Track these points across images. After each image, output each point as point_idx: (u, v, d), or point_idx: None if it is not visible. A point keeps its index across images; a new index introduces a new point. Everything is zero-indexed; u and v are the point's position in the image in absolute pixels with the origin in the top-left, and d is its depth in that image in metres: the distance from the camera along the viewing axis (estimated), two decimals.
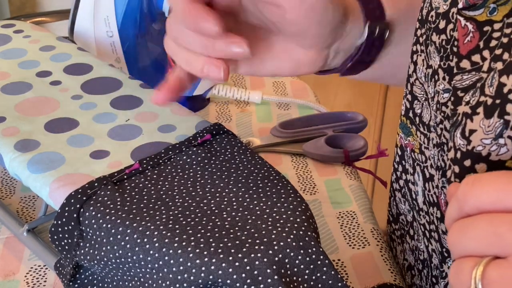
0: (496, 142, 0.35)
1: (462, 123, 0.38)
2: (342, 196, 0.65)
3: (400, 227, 0.55)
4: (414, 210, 0.51)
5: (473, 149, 0.37)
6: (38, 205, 0.62)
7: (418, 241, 0.52)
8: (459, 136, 0.38)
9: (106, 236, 0.43)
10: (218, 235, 0.42)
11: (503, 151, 0.35)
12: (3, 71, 0.64)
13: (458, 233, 0.32)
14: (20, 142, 0.53)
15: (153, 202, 0.46)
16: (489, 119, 0.36)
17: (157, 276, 0.41)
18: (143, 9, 0.74)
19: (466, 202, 0.32)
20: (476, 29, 0.40)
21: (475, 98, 0.38)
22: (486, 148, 0.36)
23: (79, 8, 0.73)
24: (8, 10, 1.50)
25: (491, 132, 0.35)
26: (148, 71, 0.78)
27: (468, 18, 0.40)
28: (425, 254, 0.50)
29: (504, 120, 0.35)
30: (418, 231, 0.51)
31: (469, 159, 0.37)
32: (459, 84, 0.41)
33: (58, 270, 0.49)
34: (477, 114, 0.37)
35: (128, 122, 0.56)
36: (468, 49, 0.40)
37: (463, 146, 0.38)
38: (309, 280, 0.41)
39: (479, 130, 0.36)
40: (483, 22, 0.39)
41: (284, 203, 0.45)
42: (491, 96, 0.36)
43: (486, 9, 0.39)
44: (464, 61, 0.41)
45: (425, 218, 0.49)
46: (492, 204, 0.30)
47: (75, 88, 0.61)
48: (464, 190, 0.32)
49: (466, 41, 0.41)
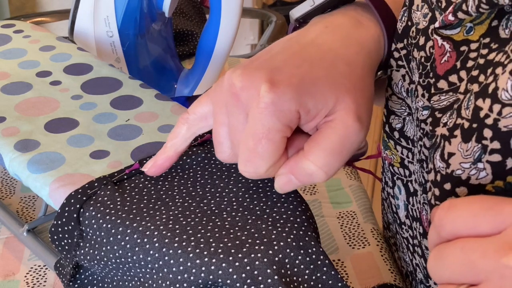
0: (475, 166, 0.35)
1: (441, 146, 0.37)
2: (342, 196, 0.65)
3: (393, 235, 0.55)
4: (396, 223, 0.51)
5: (452, 173, 0.36)
6: (38, 205, 0.62)
7: (403, 253, 0.51)
8: (438, 158, 0.37)
9: (106, 236, 0.43)
10: (218, 235, 0.42)
11: (482, 175, 0.34)
12: (3, 71, 0.64)
13: (435, 261, 0.31)
14: (20, 142, 0.53)
15: (153, 202, 0.46)
16: (467, 143, 0.35)
17: (157, 276, 0.41)
18: (143, 9, 0.74)
19: (443, 228, 0.31)
20: (453, 49, 0.39)
21: (452, 120, 0.37)
22: (466, 172, 0.35)
23: (79, 8, 0.73)
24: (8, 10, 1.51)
25: (470, 156, 0.35)
26: (148, 71, 0.78)
27: (444, 37, 0.40)
28: (410, 267, 0.50)
29: (482, 145, 0.34)
30: (402, 244, 0.51)
31: (449, 182, 0.36)
32: (437, 105, 0.40)
33: (58, 270, 0.49)
34: (454, 137, 0.36)
35: (128, 122, 0.56)
36: (445, 69, 0.40)
37: (443, 169, 0.37)
38: (309, 280, 0.41)
39: (457, 153, 0.36)
40: (460, 41, 0.39)
41: (284, 203, 0.45)
42: (467, 119, 0.35)
43: (463, 28, 0.38)
44: (441, 81, 0.40)
45: (408, 232, 0.48)
46: (468, 229, 0.30)
47: (75, 88, 0.61)
48: (440, 215, 0.32)
49: (443, 61, 0.40)
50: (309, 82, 0.40)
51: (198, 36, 0.95)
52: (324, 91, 0.40)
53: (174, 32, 0.87)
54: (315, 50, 0.43)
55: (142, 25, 0.75)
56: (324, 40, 0.44)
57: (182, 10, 1.00)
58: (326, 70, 0.42)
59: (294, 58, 0.42)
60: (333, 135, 0.40)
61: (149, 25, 0.76)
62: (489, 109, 0.34)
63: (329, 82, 0.41)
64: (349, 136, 0.40)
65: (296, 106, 0.39)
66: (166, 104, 0.59)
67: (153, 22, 0.76)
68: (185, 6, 1.01)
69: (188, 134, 0.46)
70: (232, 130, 0.42)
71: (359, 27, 0.46)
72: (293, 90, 0.39)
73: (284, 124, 0.39)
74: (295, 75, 0.40)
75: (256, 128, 0.39)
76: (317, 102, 0.40)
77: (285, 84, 0.39)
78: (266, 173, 0.41)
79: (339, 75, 0.41)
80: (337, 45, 0.44)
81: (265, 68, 0.40)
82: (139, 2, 0.73)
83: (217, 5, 0.74)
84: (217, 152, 0.44)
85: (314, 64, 0.42)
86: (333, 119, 0.40)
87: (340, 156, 0.40)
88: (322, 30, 0.45)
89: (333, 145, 0.40)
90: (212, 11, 0.75)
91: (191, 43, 0.96)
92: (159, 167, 0.48)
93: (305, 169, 0.40)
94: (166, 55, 0.81)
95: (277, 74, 0.40)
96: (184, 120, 0.46)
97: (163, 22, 0.78)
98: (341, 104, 0.40)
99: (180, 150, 0.47)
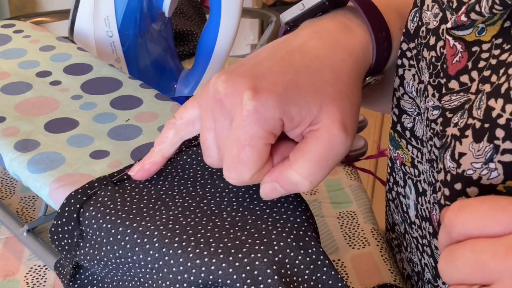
0: (486, 166, 0.35)
1: (451, 146, 0.37)
2: (342, 196, 0.65)
3: (396, 237, 0.55)
4: (406, 222, 0.51)
5: (463, 173, 0.36)
6: (38, 205, 0.62)
7: (411, 253, 0.51)
8: (449, 158, 0.37)
9: (106, 236, 0.43)
10: (218, 235, 0.42)
11: (494, 175, 0.35)
12: (3, 71, 0.64)
13: (446, 262, 0.32)
14: (20, 142, 0.53)
15: (153, 202, 0.46)
16: (479, 143, 0.35)
17: (157, 276, 0.41)
18: (143, 9, 0.74)
19: (453, 229, 0.31)
20: (465, 49, 0.39)
21: (463, 120, 0.37)
22: (477, 172, 0.35)
23: (79, 8, 0.73)
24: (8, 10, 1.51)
25: (481, 157, 0.35)
26: (148, 71, 0.78)
27: (456, 38, 0.40)
28: (419, 267, 0.50)
29: (494, 145, 0.34)
30: (411, 244, 0.51)
31: (460, 182, 0.36)
32: (448, 105, 0.40)
33: (58, 270, 0.49)
34: (466, 137, 0.36)
35: (128, 122, 0.56)
36: (456, 69, 0.40)
37: (453, 169, 0.37)
38: (309, 280, 0.41)
39: (468, 153, 0.36)
40: (472, 42, 0.39)
41: (284, 203, 0.45)
42: (479, 119, 0.35)
43: (475, 29, 0.39)
44: (452, 82, 0.40)
45: (417, 232, 0.48)
46: (478, 230, 0.30)
47: (75, 88, 0.61)
48: (450, 216, 0.32)
49: (454, 61, 0.40)
50: (293, 89, 0.40)
51: (198, 36, 0.95)
52: (308, 99, 0.40)
53: (174, 32, 0.87)
54: (302, 57, 0.43)
55: (142, 25, 0.75)
56: (312, 46, 0.44)
57: (182, 10, 1.00)
58: (311, 78, 0.42)
59: (279, 65, 0.42)
60: (318, 145, 0.40)
61: (149, 25, 0.76)
62: (501, 109, 0.34)
63: (314, 90, 0.41)
64: (334, 145, 0.40)
65: (279, 113, 0.39)
66: (166, 104, 0.59)
67: (153, 22, 0.76)
68: (185, 6, 1.01)
69: (176, 139, 0.46)
70: (218, 135, 0.42)
71: (348, 33, 0.46)
72: (277, 97, 0.39)
73: (267, 131, 0.39)
74: (279, 83, 0.40)
75: (239, 135, 0.39)
76: (301, 109, 0.40)
77: (269, 91, 0.39)
78: (251, 180, 0.41)
79: (324, 83, 0.41)
80: (324, 52, 0.44)
81: (249, 75, 0.40)
82: (139, 2, 0.73)
83: (217, 5, 0.74)
84: (205, 156, 0.44)
85: (299, 71, 0.42)
86: (318, 128, 0.40)
87: (325, 165, 0.40)
88: (310, 35, 0.45)
89: (318, 155, 0.40)
90: (212, 11, 0.75)
91: (191, 43, 0.96)
92: (146, 171, 0.48)
93: (290, 178, 0.41)
94: (166, 55, 0.81)
95: (261, 81, 0.40)
96: (171, 125, 0.46)
97: (163, 22, 0.78)
98: (326, 112, 0.40)
99: (167, 155, 0.47)
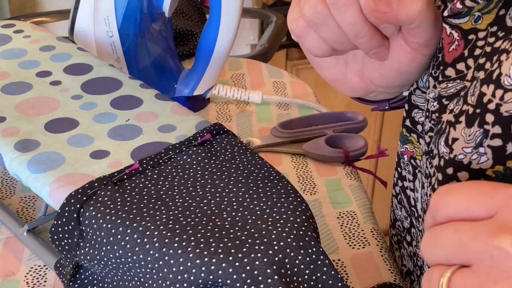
0: (476, 151, 0.35)
1: (446, 131, 0.38)
2: (342, 196, 0.65)
3: (397, 233, 0.56)
4: (413, 216, 0.51)
5: (455, 157, 0.37)
6: (38, 205, 0.62)
7: (417, 247, 0.52)
8: (443, 144, 0.38)
9: (106, 236, 0.43)
10: (218, 235, 0.42)
11: (483, 160, 0.35)
12: (3, 71, 0.64)
13: (428, 242, 0.32)
14: (20, 142, 0.53)
15: (153, 202, 0.46)
16: (470, 128, 0.36)
17: (157, 276, 0.41)
18: (143, 9, 0.74)
19: (438, 211, 0.32)
20: (461, 37, 0.40)
21: (458, 106, 0.38)
22: (467, 156, 0.36)
23: (79, 8, 0.73)
24: (8, 10, 1.50)
25: (472, 141, 0.36)
26: (148, 71, 0.78)
27: (453, 26, 0.40)
28: (422, 260, 0.50)
29: (484, 130, 0.35)
30: (417, 238, 0.51)
31: (451, 167, 0.37)
32: (444, 92, 0.41)
33: (58, 270, 0.49)
34: (459, 123, 0.37)
35: (128, 122, 0.56)
36: (453, 57, 0.41)
37: (446, 154, 0.38)
38: (309, 280, 0.41)
39: (460, 138, 0.37)
40: (468, 30, 0.40)
41: (284, 203, 0.45)
42: (472, 105, 0.36)
43: (471, 17, 0.39)
44: (449, 69, 0.41)
45: (423, 225, 0.49)
46: (461, 213, 0.31)
47: (75, 88, 0.61)
48: (436, 199, 0.32)
49: (451, 49, 0.41)
50: None
51: (198, 36, 0.95)
52: None
53: (174, 32, 0.87)
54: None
55: (142, 25, 0.75)
56: None
57: (182, 10, 1.00)
58: None
59: None
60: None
61: (149, 25, 0.76)
62: (492, 95, 0.34)
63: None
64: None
65: None
66: (166, 104, 0.59)
67: (153, 22, 0.76)
68: (185, 6, 1.01)
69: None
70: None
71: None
72: None
73: None
74: None
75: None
76: None
77: None
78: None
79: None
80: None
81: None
82: (139, 2, 0.73)
83: (217, 5, 0.74)
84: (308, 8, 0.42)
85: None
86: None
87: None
88: None
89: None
90: (212, 11, 0.75)
91: (191, 43, 0.96)
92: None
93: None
94: (166, 55, 0.81)
95: None
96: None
97: (163, 22, 0.78)
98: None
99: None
